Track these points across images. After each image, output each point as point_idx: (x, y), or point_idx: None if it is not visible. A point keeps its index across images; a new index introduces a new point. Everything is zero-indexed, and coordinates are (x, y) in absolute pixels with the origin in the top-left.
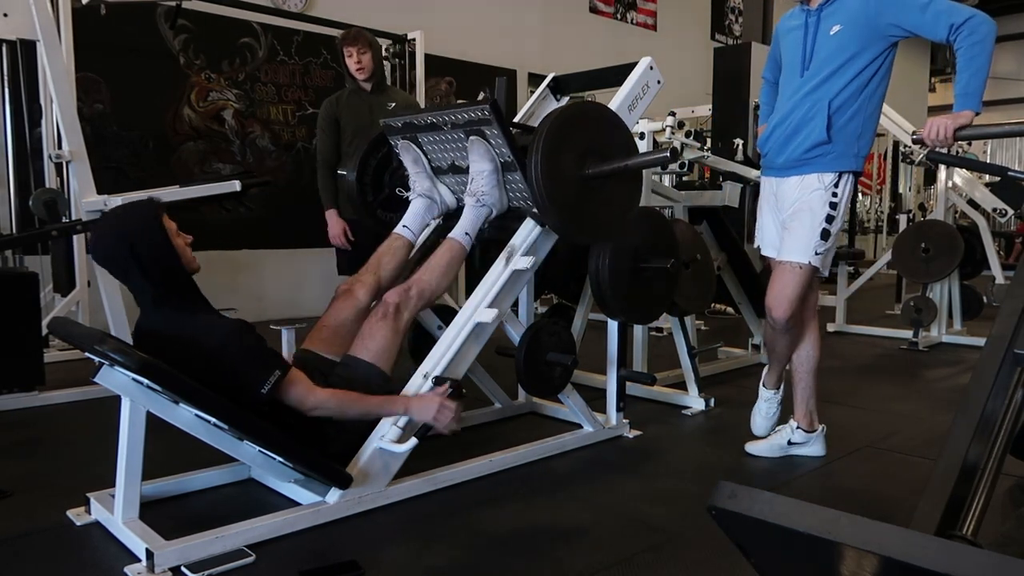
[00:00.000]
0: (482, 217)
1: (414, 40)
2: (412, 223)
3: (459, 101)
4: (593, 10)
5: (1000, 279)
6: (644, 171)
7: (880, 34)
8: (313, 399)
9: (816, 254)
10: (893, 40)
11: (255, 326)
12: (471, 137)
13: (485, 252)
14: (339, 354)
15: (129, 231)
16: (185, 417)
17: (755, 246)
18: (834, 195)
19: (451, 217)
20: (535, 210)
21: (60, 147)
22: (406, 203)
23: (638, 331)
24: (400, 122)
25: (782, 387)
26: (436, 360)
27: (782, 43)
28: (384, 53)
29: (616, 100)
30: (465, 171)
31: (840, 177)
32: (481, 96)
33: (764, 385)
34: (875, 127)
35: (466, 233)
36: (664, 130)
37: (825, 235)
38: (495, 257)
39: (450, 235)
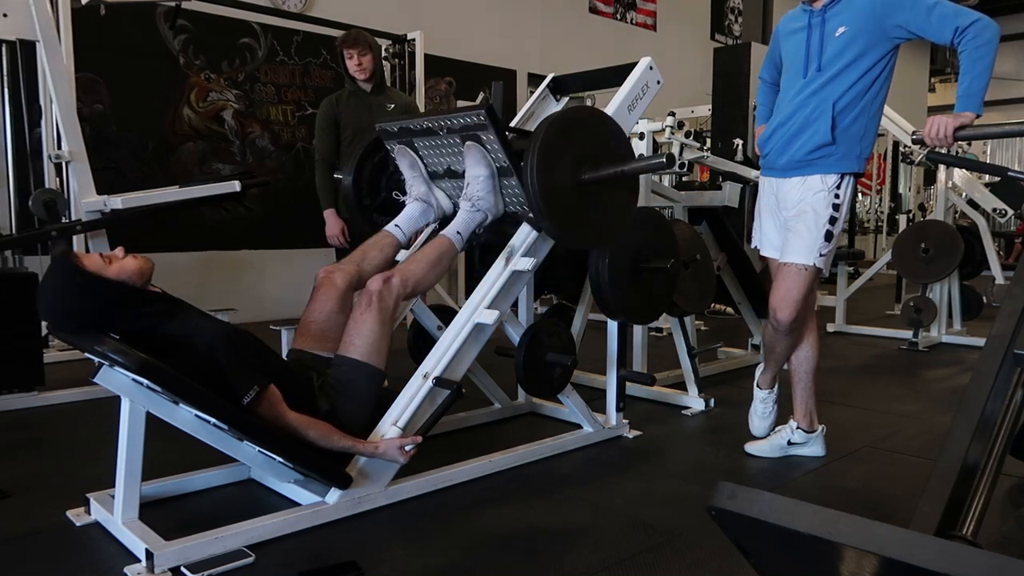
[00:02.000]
0: (476, 221)
1: (414, 40)
2: (404, 224)
3: (459, 103)
4: (593, 10)
5: (1000, 279)
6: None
7: (885, 36)
8: (284, 422)
9: (820, 255)
10: (897, 42)
11: (249, 328)
12: (467, 142)
13: (485, 253)
14: (331, 349)
15: (65, 308)
16: (185, 417)
17: (753, 247)
18: (836, 196)
19: (448, 222)
20: (531, 215)
21: (60, 147)
22: (403, 208)
23: (638, 331)
24: (396, 126)
25: (776, 387)
26: (436, 360)
27: (783, 44)
28: (383, 53)
29: (616, 100)
30: (461, 176)
31: (842, 178)
32: (480, 97)
33: (758, 386)
34: (877, 128)
35: (457, 232)
36: (664, 130)
37: (828, 236)
38: (495, 258)
39: (441, 232)
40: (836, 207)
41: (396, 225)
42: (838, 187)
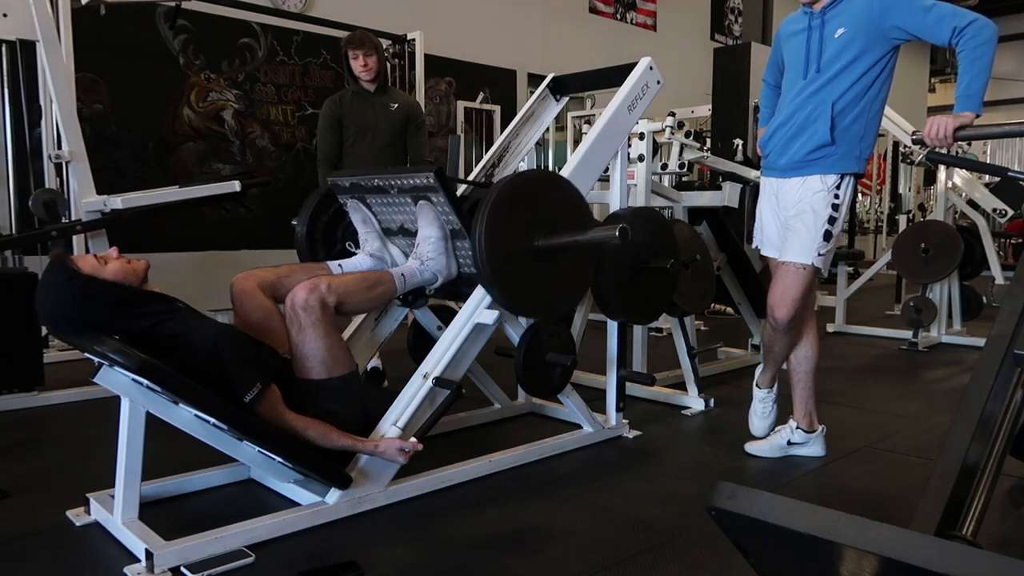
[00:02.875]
0: (423, 280)
1: (414, 40)
2: (348, 267)
3: (458, 103)
4: (593, 10)
5: (1000, 279)
6: (637, 189)
7: (883, 36)
8: (284, 422)
9: (819, 255)
10: (896, 43)
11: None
12: (419, 202)
13: None
14: (286, 350)
15: (64, 312)
16: (185, 417)
17: (753, 246)
18: (836, 196)
19: None
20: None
21: (60, 147)
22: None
23: (638, 331)
24: (347, 182)
25: (776, 386)
26: (436, 360)
27: (784, 46)
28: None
29: (615, 101)
30: (415, 235)
31: (842, 179)
32: (480, 97)
33: (758, 385)
34: (877, 129)
35: (402, 275)
36: (664, 130)
37: (827, 236)
38: None
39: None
40: (835, 207)
41: (339, 264)
42: (838, 187)
